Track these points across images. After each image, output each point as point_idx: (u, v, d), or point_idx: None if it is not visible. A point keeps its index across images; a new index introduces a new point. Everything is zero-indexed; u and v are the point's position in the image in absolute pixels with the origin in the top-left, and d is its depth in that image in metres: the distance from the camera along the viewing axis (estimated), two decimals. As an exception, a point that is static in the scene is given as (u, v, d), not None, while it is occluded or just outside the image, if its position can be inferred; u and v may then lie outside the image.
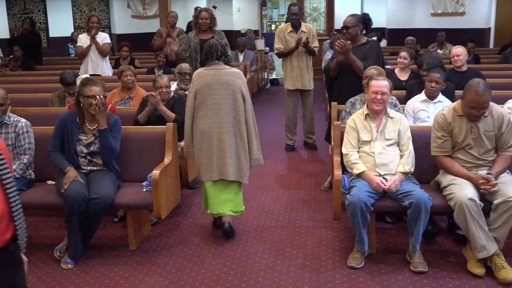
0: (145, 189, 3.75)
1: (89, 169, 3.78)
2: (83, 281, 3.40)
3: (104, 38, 6.98)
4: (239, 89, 3.89)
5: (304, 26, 6.22)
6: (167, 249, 3.84)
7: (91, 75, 6.28)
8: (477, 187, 3.38)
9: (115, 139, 3.81)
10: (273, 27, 19.29)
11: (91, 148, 3.75)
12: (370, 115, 3.73)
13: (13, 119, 3.87)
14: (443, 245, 3.82)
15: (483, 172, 3.46)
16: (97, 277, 3.45)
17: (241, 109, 3.90)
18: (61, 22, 13.08)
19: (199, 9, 6.44)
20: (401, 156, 3.63)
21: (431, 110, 4.28)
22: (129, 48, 7.87)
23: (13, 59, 8.75)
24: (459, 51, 5.29)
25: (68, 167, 3.62)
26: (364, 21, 4.79)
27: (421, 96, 4.41)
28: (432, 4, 12.00)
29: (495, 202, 3.29)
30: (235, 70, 4.01)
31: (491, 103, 3.47)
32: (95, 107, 3.66)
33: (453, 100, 4.34)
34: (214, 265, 3.59)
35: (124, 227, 4.09)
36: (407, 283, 3.29)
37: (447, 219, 4.09)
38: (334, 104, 4.78)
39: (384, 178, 3.52)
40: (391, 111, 3.78)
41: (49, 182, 3.88)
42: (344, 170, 3.78)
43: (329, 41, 9.76)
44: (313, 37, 6.20)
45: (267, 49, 12.16)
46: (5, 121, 3.82)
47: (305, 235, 4.04)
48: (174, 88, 5.26)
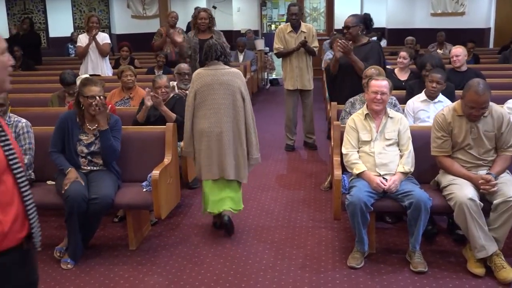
0: (145, 189, 3.76)
1: (89, 169, 3.78)
2: (83, 281, 3.40)
3: (104, 38, 6.98)
4: (238, 89, 3.91)
5: (303, 26, 6.21)
6: (167, 249, 3.84)
7: (91, 75, 6.29)
8: (477, 187, 3.39)
9: (116, 139, 3.81)
10: (273, 27, 19.29)
11: (92, 148, 3.76)
12: (370, 115, 3.73)
13: (14, 119, 3.87)
14: (443, 245, 3.82)
15: (483, 172, 3.46)
16: (97, 277, 3.45)
17: (241, 109, 3.91)
18: (61, 22, 13.09)
19: (197, 9, 6.43)
20: (401, 156, 3.64)
21: (431, 110, 4.28)
22: (129, 48, 7.87)
23: (13, 59, 8.73)
24: (458, 51, 5.29)
25: (69, 168, 3.62)
26: (365, 21, 4.78)
27: (421, 96, 4.42)
28: (432, 4, 12.01)
29: (495, 202, 3.30)
30: (235, 70, 4.01)
31: (491, 103, 3.47)
32: (95, 108, 3.67)
33: (453, 100, 4.34)
34: (214, 265, 3.59)
35: (124, 227, 4.09)
36: (407, 283, 3.30)
37: (447, 219, 4.09)
38: (334, 104, 4.78)
39: (384, 178, 3.52)
40: (391, 111, 3.78)
41: (49, 182, 3.88)
42: (344, 170, 3.79)
43: (329, 41, 9.77)
44: (313, 37, 6.19)
45: (267, 49, 12.17)
46: (5, 121, 3.82)
47: (305, 235, 4.04)
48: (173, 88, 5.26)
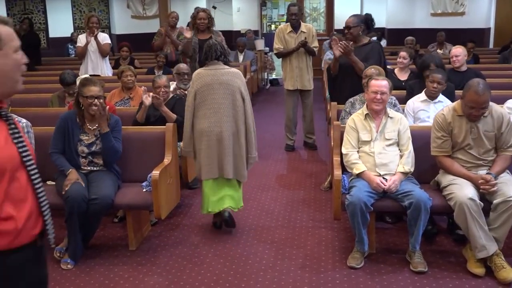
0: (145, 190, 3.76)
1: (89, 169, 3.78)
2: (83, 281, 3.40)
3: (104, 38, 6.98)
4: (238, 89, 3.92)
5: (303, 26, 6.21)
6: (167, 249, 3.84)
7: (91, 75, 6.28)
8: (477, 187, 3.39)
9: (117, 140, 3.82)
10: (273, 27, 19.29)
11: (93, 148, 3.76)
12: (370, 115, 3.73)
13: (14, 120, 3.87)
14: (443, 245, 3.82)
15: (483, 172, 3.46)
16: (97, 277, 3.45)
17: (240, 109, 3.93)
18: (61, 22, 13.09)
19: (196, 9, 6.43)
20: (401, 156, 3.64)
21: (431, 110, 4.28)
22: (129, 48, 7.87)
23: None
24: (458, 51, 5.29)
25: (69, 170, 3.62)
26: (366, 21, 4.78)
27: (422, 96, 4.41)
28: (432, 4, 12.01)
29: (495, 202, 3.30)
30: (234, 70, 4.03)
31: (491, 103, 3.47)
32: (95, 110, 3.67)
33: (453, 100, 4.34)
34: (214, 265, 3.59)
35: (124, 228, 4.09)
36: (407, 283, 3.30)
37: (447, 219, 4.09)
38: (333, 104, 4.78)
39: (384, 178, 3.52)
40: (390, 111, 3.78)
41: (49, 182, 3.87)
42: (344, 170, 3.79)
43: (328, 41, 9.77)
44: (313, 37, 6.19)
45: (267, 49, 12.16)
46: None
47: (305, 235, 4.04)
48: (173, 88, 5.26)
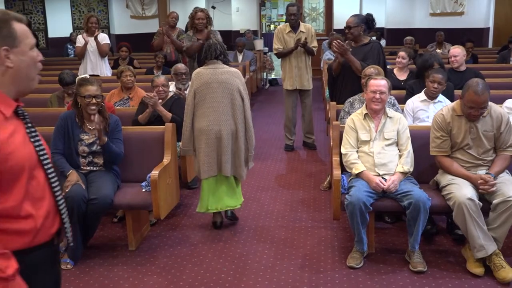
0: (144, 190, 3.76)
1: (88, 169, 3.78)
2: (83, 281, 3.40)
3: (103, 38, 6.97)
4: (237, 88, 3.95)
5: (302, 26, 6.22)
6: (166, 249, 3.84)
7: (90, 75, 6.28)
8: (476, 187, 3.39)
9: (118, 141, 3.83)
10: (272, 27, 19.32)
11: (93, 147, 3.76)
12: (369, 114, 3.73)
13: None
14: (442, 244, 3.83)
15: (482, 172, 3.47)
16: (97, 277, 3.45)
17: (239, 108, 3.97)
18: (60, 22, 13.08)
19: (195, 9, 6.44)
20: (400, 156, 3.64)
21: (431, 110, 4.28)
22: (128, 48, 7.87)
23: None
24: (456, 51, 5.28)
25: (70, 171, 3.62)
26: (367, 21, 4.78)
27: (421, 95, 4.41)
28: (431, 4, 12.02)
29: (494, 201, 3.30)
30: (233, 69, 4.06)
31: (490, 103, 3.48)
32: (92, 110, 3.70)
33: (452, 100, 4.34)
34: (213, 265, 3.59)
35: (123, 228, 4.10)
36: (406, 283, 3.30)
37: (446, 218, 4.09)
38: (333, 104, 4.78)
39: (383, 178, 3.53)
40: (390, 111, 3.78)
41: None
42: (343, 170, 3.79)
43: (327, 41, 9.78)
44: (312, 37, 6.20)
45: (266, 49, 12.17)
46: None
47: (304, 235, 4.04)
48: (172, 88, 5.26)
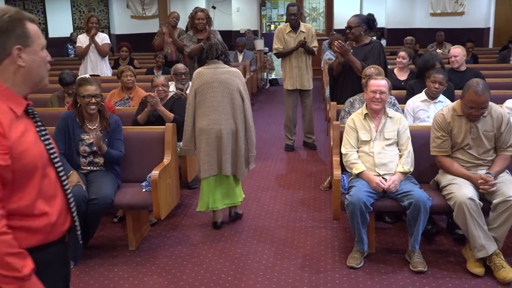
0: (144, 189, 3.76)
1: (88, 169, 3.78)
2: (82, 281, 3.40)
3: (103, 38, 6.98)
4: (237, 88, 3.97)
5: (303, 26, 6.21)
6: (166, 249, 3.84)
7: (91, 75, 6.28)
8: (476, 186, 3.39)
9: (119, 141, 3.85)
10: (272, 27, 19.31)
11: (94, 147, 3.77)
12: (369, 114, 3.73)
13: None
14: (443, 244, 3.82)
15: (482, 172, 3.46)
16: (97, 277, 3.45)
17: (239, 108, 3.99)
18: (60, 22, 13.08)
19: (195, 9, 6.43)
20: (401, 156, 3.64)
21: (431, 110, 4.27)
22: (128, 48, 7.87)
23: None
24: (456, 51, 5.28)
25: (70, 172, 3.62)
26: (368, 21, 4.78)
27: (422, 95, 4.40)
28: (431, 4, 12.01)
29: (495, 201, 3.30)
30: (234, 69, 4.07)
31: (490, 103, 3.47)
32: (92, 109, 3.72)
33: (452, 99, 4.34)
34: (213, 265, 3.59)
35: (123, 228, 4.10)
36: (406, 283, 3.30)
37: (446, 218, 4.09)
38: (333, 104, 4.79)
39: (383, 178, 3.52)
40: (390, 111, 3.78)
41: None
42: (343, 170, 3.79)
43: (328, 41, 9.78)
44: (312, 37, 6.19)
45: (266, 49, 12.16)
46: None
47: (304, 235, 4.04)
48: (172, 88, 5.26)
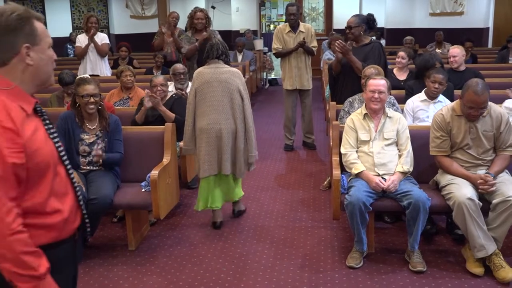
0: (144, 189, 3.76)
1: (88, 169, 3.78)
2: (82, 281, 3.40)
3: (103, 38, 6.98)
4: (237, 87, 3.98)
5: (302, 26, 6.21)
6: (166, 249, 3.84)
7: (90, 75, 6.28)
8: (475, 186, 3.39)
9: (118, 142, 3.85)
10: (271, 27, 19.31)
11: (94, 147, 3.77)
12: (368, 114, 3.73)
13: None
14: (442, 244, 3.83)
15: (482, 171, 3.47)
16: (96, 277, 3.45)
17: (239, 108, 4.00)
18: (59, 22, 13.06)
19: (194, 9, 6.43)
20: (400, 155, 3.64)
21: (431, 109, 4.27)
22: (127, 48, 7.88)
23: None
24: (455, 51, 5.28)
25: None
26: (368, 21, 4.78)
27: (421, 95, 4.40)
28: (430, 4, 12.02)
29: (494, 201, 3.30)
30: (234, 69, 4.09)
31: (490, 103, 3.48)
32: (92, 109, 3.72)
33: (452, 99, 4.34)
34: (213, 265, 3.59)
35: (123, 227, 4.10)
36: (406, 283, 3.30)
37: (446, 218, 4.09)
38: (333, 104, 4.79)
39: (382, 178, 3.53)
40: (389, 111, 3.78)
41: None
42: (343, 170, 3.79)
43: (327, 41, 9.78)
44: (312, 37, 6.19)
45: (266, 49, 12.16)
46: None
47: (304, 235, 4.04)
48: (172, 88, 5.26)
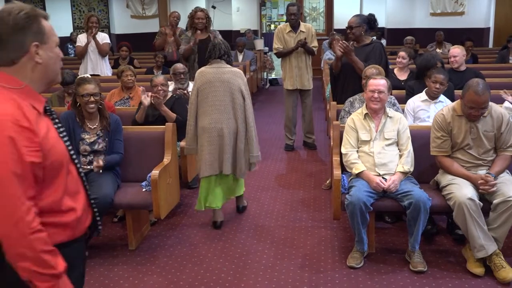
0: (144, 189, 3.76)
1: (88, 168, 3.78)
2: (83, 281, 3.40)
3: (103, 38, 6.98)
4: (238, 87, 3.99)
5: (303, 26, 6.21)
6: (166, 249, 3.84)
7: (91, 75, 6.28)
8: (476, 186, 3.39)
9: (118, 142, 3.86)
10: (272, 27, 19.30)
11: (95, 147, 3.78)
12: (369, 114, 3.73)
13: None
14: (443, 244, 3.82)
15: (482, 172, 3.46)
16: (97, 277, 3.45)
17: (241, 107, 4.01)
18: (60, 22, 13.04)
19: (194, 9, 6.42)
20: (401, 155, 3.64)
21: (432, 110, 4.27)
22: (128, 48, 7.88)
23: None
24: (456, 51, 5.27)
25: None
26: (369, 21, 4.78)
27: (422, 95, 4.40)
28: (431, 4, 12.01)
29: (495, 201, 3.30)
30: (236, 69, 4.10)
31: (491, 103, 3.47)
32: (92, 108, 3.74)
33: (452, 100, 4.34)
34: (213, 265, 3.59)
35: (123, 227, 4.10)
36: (406, 283, 3.30)
37: (446, 218, 4.09)
38: (333, 103, 4.79)
39: (383, 178, 3.52)
40: (390, 111, 3.78)
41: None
42: (343, 170, 3.79)
43: (328, 41, 9.78)
44: (312, 36, 6.19)
45: (266, 49, 12.16)
46: None
47: (304, 234, 4.04)
48: (172, 88, 5.27)
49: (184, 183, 4.79)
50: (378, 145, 3.65)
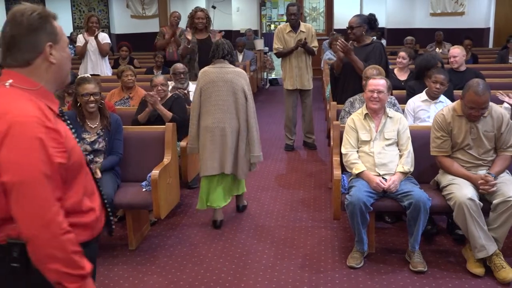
0: (144, 189, 3.76)
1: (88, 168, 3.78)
2: (83, 281, 3.40)
3: (103, 38, 6.97)
4: (241, 87, 4.01)
5: (303, 26, 6.21)
6: (166, 249, 3.84)
7: (91, 75, 6.28)
8: (476, 187, 3.39)
9: (118, 142, 3.86)
10: (272, 27, 19.30)
11: (95, 146, 3.78)
12: (369, 114, 3.73)
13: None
14: (443, 244, 3.82)
15: (482, 172, 3.46)
16: (97, 277, 3.42)
17: (243, 107, 4.03)
18: (60, 22, 12.55)
19: (194, 9, 6.42)
20: (401, 156, 3.64)
21: (432, 110, 4.27)
22: (128, 48, 7.88)
23: None
24: (455, 52, 5.26)
25: None
26: (369, 21, 4.78)
27: (422, 95, 4.40)
28: (431, 4, 12.01)
29: (495, 202, 3.30)
30: (239, 69, 4.13)
31: (491, 103, 3.48)
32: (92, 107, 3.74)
33: (452, 100, 4.34)
34: (213, 265, 3.59)
35: (123, 227, 4.09)
36: (406, 283, 3.30)
37: (446, 218, 4.09)
38: (333, 104, 4.79)
39: (383, 178, 3.52)
40: (390, 111, 3.78)
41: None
42: (343, 170, 3.79)
43: (328, 41, 9.78)
44: (312, 36, 6.19)
45: (266, 49, 12.16)
46: None
47: (304, 234, 4.04)
48: (171, 88, 5.26)
49: (184, 183, 4.79)
50: (378, 145, 3.65)
